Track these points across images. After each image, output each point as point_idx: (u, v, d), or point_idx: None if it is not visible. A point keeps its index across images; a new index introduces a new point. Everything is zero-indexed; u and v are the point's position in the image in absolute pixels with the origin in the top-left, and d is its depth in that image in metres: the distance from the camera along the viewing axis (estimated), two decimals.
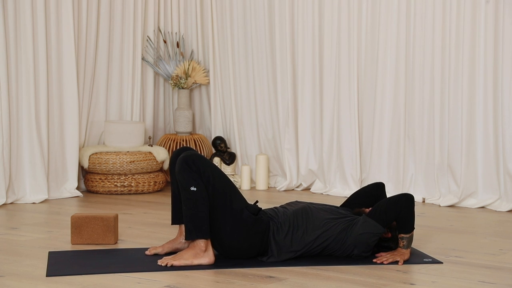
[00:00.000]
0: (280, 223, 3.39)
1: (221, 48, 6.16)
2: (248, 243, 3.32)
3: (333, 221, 3.41)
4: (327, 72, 5.67)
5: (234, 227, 3.30)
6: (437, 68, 5.20)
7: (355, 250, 3.37)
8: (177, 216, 3.50)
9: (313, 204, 3.52)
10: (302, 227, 3.37)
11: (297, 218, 3.41)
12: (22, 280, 3.00)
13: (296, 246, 3.36)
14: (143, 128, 5.76)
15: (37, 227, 4.23)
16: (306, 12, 5.70)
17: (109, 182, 5.50)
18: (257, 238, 3.33)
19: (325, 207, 3.52)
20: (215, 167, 3.34)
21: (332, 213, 3.47)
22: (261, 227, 3.34)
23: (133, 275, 3.10)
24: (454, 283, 3.05)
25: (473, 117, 5.07)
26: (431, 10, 5.19)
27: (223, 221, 3.29)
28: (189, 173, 3.25)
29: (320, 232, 3.38)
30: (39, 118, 5.19)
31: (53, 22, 5.29)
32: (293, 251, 3.37)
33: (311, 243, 3.37)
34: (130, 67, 5.88)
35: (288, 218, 3.41)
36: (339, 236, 3.38)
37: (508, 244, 3.85)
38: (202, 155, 3.35)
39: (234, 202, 3.31)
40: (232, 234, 3.31)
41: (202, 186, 3.26)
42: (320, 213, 3.45)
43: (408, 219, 3.36)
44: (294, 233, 3.36)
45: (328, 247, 3.40)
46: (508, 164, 4.95)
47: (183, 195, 3.27)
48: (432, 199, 5.24)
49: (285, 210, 3.48)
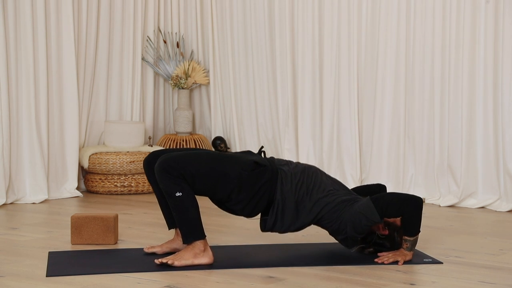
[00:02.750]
0: (291, 173, 3.36)
1: (221, 48, 6.16)
2: (257, 197, 3.29)
3: (337, 192, 3.40)
4: (327, 72, 5.67)
5: (239, 193, 3.27)
6: (437, 68, 5.20)
7: (348, 229, 3.33)
8: (171, 220, 3.50)
9: (325, 173, 3.52)
10: (306, 185, 3.35)
11: (305, 174, 3.39)
12: (22, 280, 3.00)
13: (300, 205, 3.33)
14: (143, 128, 5.76)
15: (37, 227, 4.23)
16: (306, 12, 5.71)
17: (109, 182, 5.50)
18: (264, 189, 3.29)
19: (336, 180, 3.52)
20: (193, 156, 3.26)
21: (340, 186, 3.47)
22: (266, 176, 3.31)
23: (133, 275, 3.10)
24: (454, 283, 3.05)
25: (473, 117, 5.07)
26: (431, 10, 5.20)
27: (226, 194, 3.27)
28: (170, 180, 3.20)
29: (321, 195, 3.36)
30: (39, 118, 5.19)
31: (53, 22, 5.29)
32: (295, 209, 3.33)
33: (310, 204, 3.34)
34: (130, 67, 5.88)
35: (298, 171, 3.39)
36: (337, 207, 3.35)
37: (508, 244, 3.85)
38: (174, 154, 3.27)
39: (230, 175, 3.26)
40: (239, 198, 3.28)
41: (186, 187, 3.21)
42: (328, 181, 3.44)
43: (414, 223, 3.34)
44: (298, 188, 3.34)
45: (324, 218, 3.36)
46: (508, 164, 4.95)
47: (170, 202, 3.23)
48: (432, 199, 5.24)
49: (298, 164, 3.47)
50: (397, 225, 3.46)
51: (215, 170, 3.26)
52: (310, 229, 4.18)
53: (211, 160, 3.29)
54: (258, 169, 3.31)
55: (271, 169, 3.35)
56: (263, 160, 3.39)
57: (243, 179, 3.27)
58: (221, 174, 3.26)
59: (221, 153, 3.39)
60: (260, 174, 3.30)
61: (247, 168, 3.29)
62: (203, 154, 3.32)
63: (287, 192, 3.34)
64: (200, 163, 3.26)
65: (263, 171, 3.32)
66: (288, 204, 3.34)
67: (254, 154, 3.46)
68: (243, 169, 3.29)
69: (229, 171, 3.27)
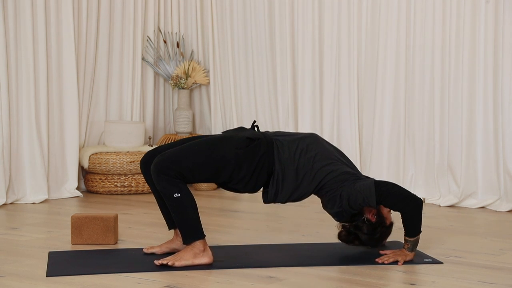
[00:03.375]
0: (288, 141, 3.36)
1: (221, 48, 6.16)
2: (257, 172, 3.29)
3: (340, 161, 3.41)
4: (327, 72, 5.68)
5: (239, 172, 3.27)
6: (437, 68, 5.20)
7: (343, 202, 3.31)
8: (170, 221, 3.49)
9: (326, 140, 3.55)
10: (306, 152, 3.35)
11: (304, 142, 3.40)
12: (22, 280, 2.99)
13: (300, 173, 3.33)
14: (143, 128, 5.76)
15: (37, 227, 4.23)
16: (306, 12, 5.71)
17: (109, 182, 5.50)
18: (263, 161, 3.29)
19: (337, 148, 3.54)
20: (186, 150, 3.25)
21: (342, 155, 3.49)
22: (262, 149, 3.31)
23: (133, 275, 3.09)
24: (454, 283, 3.05)
25: (473, 117, 5.07)
26: (431, 10, 5.20)
27: (227, 175, 3.27)
28: (167, 181, 3.19)
29: (325, 163, 3.35)
30: (39, 118, 5.19)
31: (53, 22, 5.29)
32: (295, 178, 3.33)
33: (312, 172, 3.33)
34: (130, 67, 5.88)
35: (296, 138, 3.40)
36: (340, 177, 3.34)
37: (508, 244, 3.85)
38: (168, 153, 3.25)
39: (226, 157, 3.25)
40: (240, 176, 3.28)
41: (184, 188, 3.21)
42: (331, 148, 3.46)
43: (414, 224, 3.33)
44: (297, 156, 3.34)
45: (325, 186, 3.35)
46: (508, 164, 4.95)
47: (169, 204, 3.23)
48: (432, 199, 5.24)
49: (296, 133, 3.48)
50: (385, 222, 3.43)
51: (211, 157, 3.26)
52: (310, 229, 4.18)
53: (205, 148, 3.28)
54: (252, 144, 3.31)
55: (266, 141, 3.35)
56: (256, 134, 3.38)
57: (240, 157, 3.27)
58: (218, 159, 3.26)
59: (213, 137, 3.37)
60: (255, 148, 3.30)
61: (241, 145, 3.29)
62: (195, 145, 3.30)
63: (285, 161, 3.33)
64: (195, 155, 3.25)
65: (258, 145, 3.31)
66: (288, 173, 3.33)
67: (246, 130, 3.47)
68: (238, 147, 3.28)
69: (225, 153, 3.26)
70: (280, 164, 3.32)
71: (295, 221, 4.49)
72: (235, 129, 3.51)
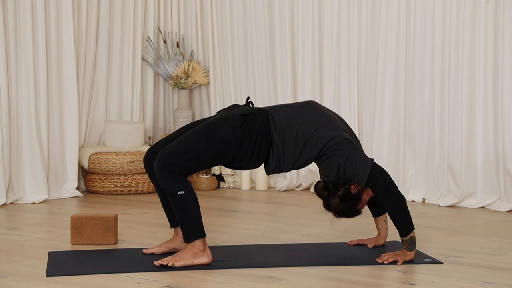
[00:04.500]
0: (284, 111, 3.38)
1: (221, 48, 6.16)
2: (257, 146, 3.29)
3: (340, 127, 3.41)
4: (327, 72, 5.68)
5: (241, 150, 3.27)
6: (437, 68, 5.20)
7: (340, 173, 3.31)
8: (173, 219, 3.48)
9: (324, 106, 3.56)
10: (306, 119, 3.35)
11: (303, 109, 3.41)
12: (22, 280, 2.99)
13: (301, 140, 3.33)
14: (143, 128, 5.76)
15: (37, 227, 4.23)
16: (306, 12, 5.71)
17: (109, 182, 5.50)
18: (261, 135, 3.29)
19: (336, 114, 3.54)
20: (185, 142, 3.25)
21: (342, 121, 3.50)
22: (258, 122, 3.31)
23: (133, 275, 3.10)
24: (454, 283, 3.05)
25: (473, 117, 5.07)
26: (431, 10, 5.20)
27: (230, 155, 3.28)
28: (171, 178, 3.20)
29: (326, 130, 3.35)
30: (39, 118, 5.19)
31: (53, 22, 5.29)
32: (295, 145, 3.32)
33: (314, 139, 3.33)
34: (130, 67, 5.88)
35: (294, 106, 3.42)
36: (340, 145, 3.33)
37: (508, 244, 3.85)
38: (168, 148, 3.25)
39: (225, 139, 3.25)
40: (242, 154, 3.28)
41: (188, 185, 3.22)
42: (332, 115, 3.46)
43: (402, 223, 3.33)
44: (296, 124, 3.34)
45: (326, 153, 3.34)
46: (508, 164, 4.95)
47: (172, 201, 3.23)
48: (432, 199, 5.24)
49: (294, 103, 3.50)
50: (358, 204, 3.40)
51: (211, 143, 3.26)
52: (310, 229, 4.18)
53: (203, 135, 3.28)
54: (247, 120, 3.31)
55: (260, 114, 3.35)
56: (249, 109, 3.38)
57: (239, 136, 3.27)
58: (218, 143, 3.26)
59: (208, 122, 3.35)
60: (251, 123, 3.30)
61: (237, 124, 3.29)
62: (193, 134, 3.30)
63: (283, 130, 3.33)
64: (195, 144, 3.26)
65: (253, 120, 3.31)
66: (288, 142, 3.33)
67: (239, 106, 3.45)
68: (234, 126, 3.28)
69: (223, 135, 3.27)
70: (278, 134, 3.33)
71: (295, 221, 4.49)
72: (229, 107, 3.49)
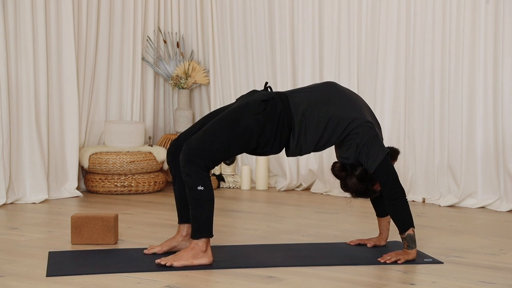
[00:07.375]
0: (304, 91, 3.39)
1: (221, 48, 6.16)
2: (280, 130, 3.30)
3: (364, 113, 3.43)
4: (327, 72, 5.68)
5: (264, 135, 3.28)
6: (437, 68, 5.20)
7: (357, 156, 3.33)
8: (182, 215, 3.48)
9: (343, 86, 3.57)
10: (327, 98, 3.37)
11: (323, 89, 3.43)
12: (22, 280, 3.00)
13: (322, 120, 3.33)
14: (143, 128, 5.76)
15: (37, 227, 4.23)
16: (306, 12, 5.71)
17: (109, 182, 5.50)
18: (282, 119, 3.29)
19: (355, 93, 3.57)
20: (210, 132, 3.25)
21: (362, 101, 3.54)
22: (279, 106, 3.30)
23: (133, 275, 3.10)
24: (454, 283, 3.05)
25: (473, 117, 5.07)
26: (431, 10, 5.20)
27: (255, 142, 3.29)
28: (195, 172, 3.21)
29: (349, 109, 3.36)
30: (39, 118, 5.19)
31: (53, 22, 5.29)
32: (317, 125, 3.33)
33: (336, 119, 3.34)
34: (130, 67, 5.88)
35: (314, 87, 3.45)
36: (363, 126, 3.34)
37: (508, 244, 3.85)
38: (194, 140, 3.25)
39: (249, 126, 3.25)
40: (265, 139, 3.29)
41: (208, 182, 3.23)
42: (353, 96, 3.48)
43: (400, 219, 3.34)
44: (318, 105, 3.34)
45: (350, 134, 3.35)
46: (508, 164, 4.95)
47: (189, 194, 3.23)
48: (432, 199, 5.24)
49: (313, 85, 3.54)
50: (375, 184, 3.42)
51: (235, 132, 3.26)
52: (310, 229, 4.18)
53: (227, 125, 3.28)
54: (268, 105, 3.31)
55: (280, 98, 3.35)
56: (269, 94, 3.38)
57: (261, 122, 3.28)
58: (241, 131, 3.26)
59: (230, 111, 3.35)
60: (272, 108, 3.30)
61: (259, 110, 3.29)
62: (216, 124, 3.29)
63: (304, 112, 3.33)
64: (220, 135, 3.26)
65: (274, 104, 3.31)
66: (309, 124, 3.33)
67: (258, 92, 3.46)
68: (256, 113, 3.29)
69: (246, 123, 3.27)
70: (299, 117, 3.33)
71: (295, 221, 4.49)
72: (248, 93, 3.49)
